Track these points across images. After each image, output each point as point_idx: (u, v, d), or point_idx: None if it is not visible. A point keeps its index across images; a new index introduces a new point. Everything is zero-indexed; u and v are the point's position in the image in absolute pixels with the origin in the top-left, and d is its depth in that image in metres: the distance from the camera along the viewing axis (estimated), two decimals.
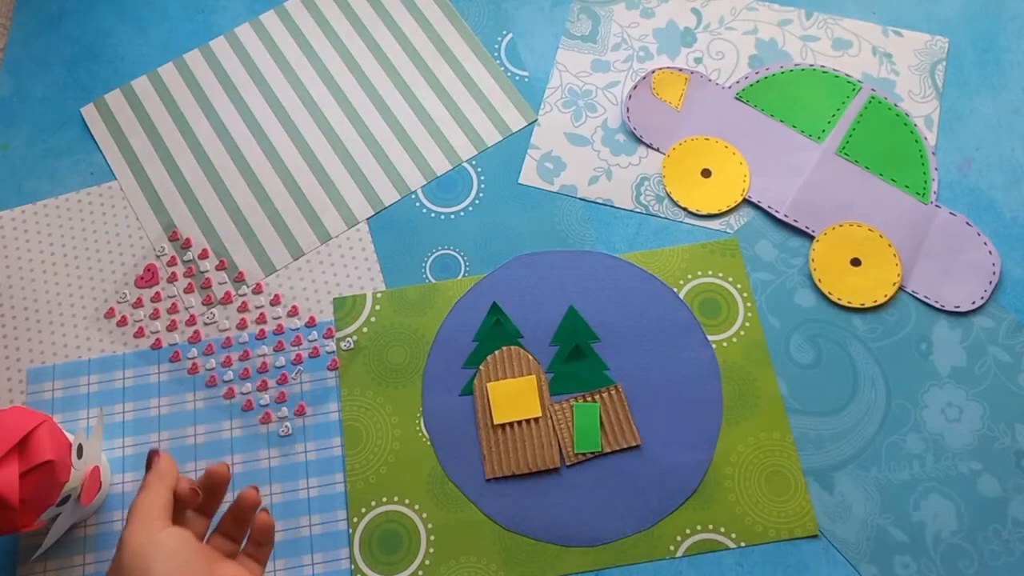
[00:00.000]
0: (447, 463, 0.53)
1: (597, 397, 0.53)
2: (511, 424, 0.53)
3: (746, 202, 0.59)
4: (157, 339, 0.56)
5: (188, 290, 0.58)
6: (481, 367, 0.54)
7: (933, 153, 0.59)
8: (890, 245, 0.56)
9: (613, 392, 0.54)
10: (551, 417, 0.53)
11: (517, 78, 0.63)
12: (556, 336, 0.55)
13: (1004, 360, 0.54)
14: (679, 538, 0.51)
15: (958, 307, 0.55)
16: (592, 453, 0.52)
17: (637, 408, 0.54)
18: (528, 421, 0.53)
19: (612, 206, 0.59)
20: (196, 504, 0.41)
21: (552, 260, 0.57)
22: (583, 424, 0.53)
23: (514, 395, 0.53)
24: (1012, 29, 0.63)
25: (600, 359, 0.54)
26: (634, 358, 0.54)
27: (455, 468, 0.53)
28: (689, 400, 0.54)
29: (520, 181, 0.60)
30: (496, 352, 0.55)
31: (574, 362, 0.54)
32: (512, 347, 0.54)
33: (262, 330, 0.56)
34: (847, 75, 0.62)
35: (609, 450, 0.52)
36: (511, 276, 0.57)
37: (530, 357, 0.54)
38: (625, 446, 0.52)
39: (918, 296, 0.55)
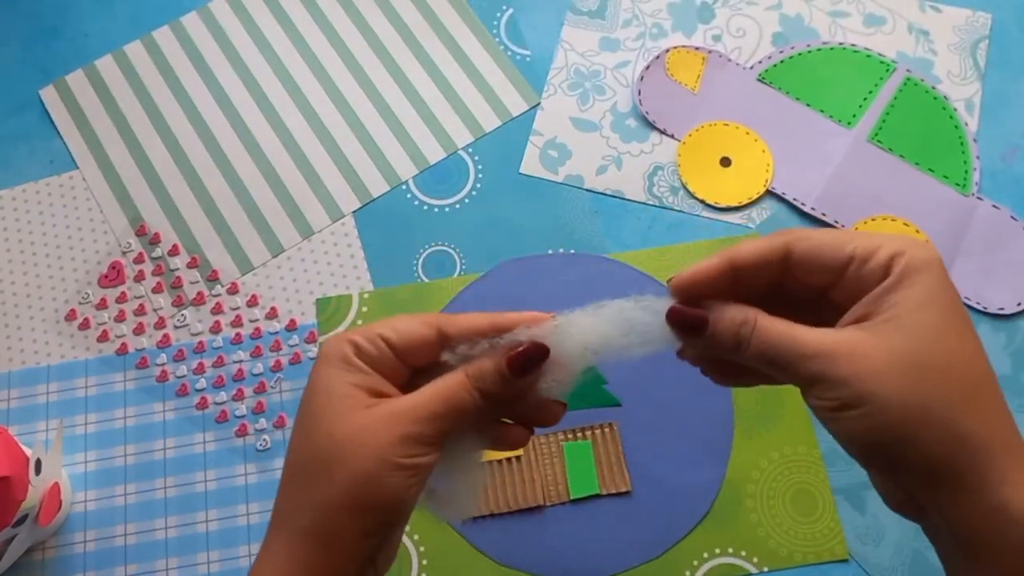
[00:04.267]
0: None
1: (588, 434, 0.53)
2: (487, 463, 0.52)
3: (769, 194, 0.59)
4: (123, 343, 0.56)
5: (157, 290, 0.58)
6: None
7: (974, 140, 0.59)
8: (927, 241, 0.55)
9: (607, 430, 0.53)
10: (535, 454, 0.52)
11: (518, 57, 0.63)
12: None
13: None
14: (696, 562, 0.50)
15: (1002, 309, 0.55)
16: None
17: (639, 426, 0.53)
18: (508, 459, 0.52)
19: (622, 198, 0.59)
20: None
21: (540, 265, 0.57)
22: (577, 466, 0.52)
23: None
24: None
25: (598, 372, 0.54)
26: (636, 369, 0.53)
27: None
28: (697, 413, 0.53)
29: (521, 171, 0.60)
30: None
31: None
32: None
33: (238, 334, 0.56)
34: (880, 54, 0.62)
35: (605, 492, 0.52)
36: (495, 284, 0.56)
37: None
38: (614, 491, 0.52)
39: None
